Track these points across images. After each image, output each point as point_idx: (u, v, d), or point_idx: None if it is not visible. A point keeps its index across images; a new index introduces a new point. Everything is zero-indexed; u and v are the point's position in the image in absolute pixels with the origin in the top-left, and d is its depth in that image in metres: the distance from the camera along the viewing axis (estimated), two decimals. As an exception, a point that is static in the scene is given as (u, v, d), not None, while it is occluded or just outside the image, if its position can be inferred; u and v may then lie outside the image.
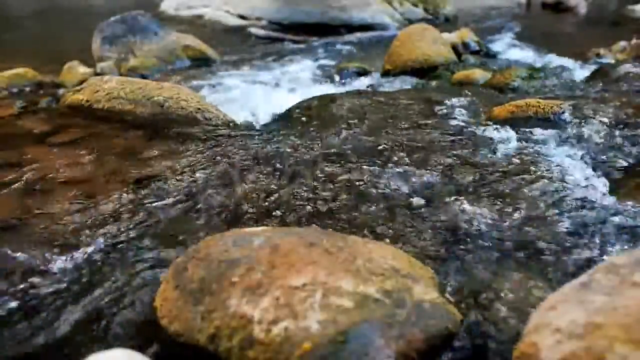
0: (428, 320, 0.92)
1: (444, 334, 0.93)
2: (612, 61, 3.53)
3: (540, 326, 0.82)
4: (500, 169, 1.75)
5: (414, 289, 0.97)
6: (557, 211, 1.48)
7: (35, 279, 1.23)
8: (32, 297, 1.18)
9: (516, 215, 1.47)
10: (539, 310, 0.88)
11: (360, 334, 0.86)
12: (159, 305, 1.02)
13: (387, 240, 1.35)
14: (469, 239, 1.37)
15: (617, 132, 2.00)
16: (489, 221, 1.44)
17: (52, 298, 1.17)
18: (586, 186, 1.63)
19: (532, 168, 1.74)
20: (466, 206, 1.52)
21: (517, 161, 1.81)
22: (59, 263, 1.29)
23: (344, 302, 0.90)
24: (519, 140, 1.98)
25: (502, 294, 1.14)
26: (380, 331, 0.86)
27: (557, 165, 1.76)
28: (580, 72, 3.24)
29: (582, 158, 1.83)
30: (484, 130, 2.08)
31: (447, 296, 1.11)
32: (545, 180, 1.66)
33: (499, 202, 1.54)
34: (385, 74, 3.40)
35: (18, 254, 1.33)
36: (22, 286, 1.21)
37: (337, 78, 3.40)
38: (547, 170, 1.73)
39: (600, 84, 2.82)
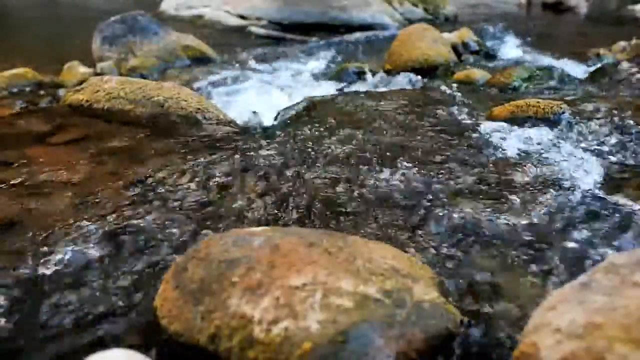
0: (428, 320, 0.92)
1: (444, 334, 0.93)
2: (612, 61, 3.53)
3: (540, 326, 0.82)
4: (500, 169, 1.75)
5: (414, 289, 0.97)
6: (557, 211, 1.48)
7: (34, 279, 1.23)
8: (32, 297, 1.18)
9: (516, 215, 1.47)
10: (539, 310, 0.88)
11: (360, 334, 0.86)
12: (159, 305, 1.02)
13: (387, 240, 1.35)
14: (468, 239, 1.37)
15: (617, 132, 2.00)
16: (489, 221, 1.44)
17: (51, 298, 1.17)
18: (586, 186, 1.63)
19: (532, 168, 1.74)
20: (466, 206, 1.52)
21: (517, 161, 1.81)
22: (59, 263, 1.29)
23: (344, 302, 0.90)
24: (518, 140, 1.97)
25: (502, 295, 1.14)
26: (380, 331, 0.86)
27: (557, 166, 1.76)
28: (581, 72, 3.24)
29: (582, 158, 1.83)
30: (484, 130, 2.08)
31: (447, 296, 1.11)
32: (545, 181, 1.66)
33: (498, 202, 1.54)
34: (385, 74, 3.40)
35: (17, 254, 1.32)
36: (21, 286, 1.21)
37: (337, 78, 3.40)
38: (547, 170, 1.73)
39: (601, 84, 2.82)
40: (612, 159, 1.83)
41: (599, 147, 1.91)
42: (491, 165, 1.78)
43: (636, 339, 0.72)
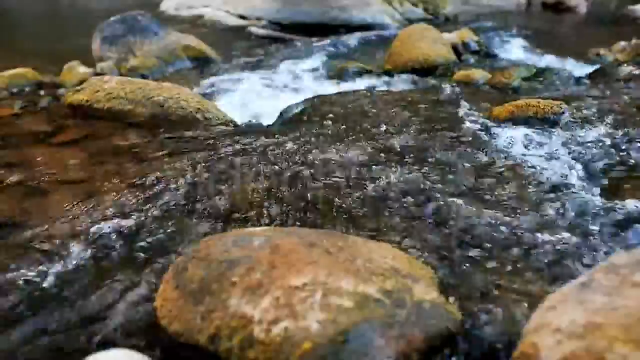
0: (428, 320, 0.92)
1: (444, 334, 0.92)
2: (612, 61, 3.53)
3: (540, 326, 0.82)
4: (500, 170, 1.75)
5: (414, 289, 0.97)
6: (557, 211, 1.48)
7: (35, 279, 1.23)
8: (32, 297, 1.18)
9: (516, 215, 1.47)
10: (539, 310, 0.88)
11: (360, 334, 0.86)
12: (159, 305, 1.02)
13: (387, 240, 1.35)
14: (468, 239, 1.37)
15: (617, 132, 2.00)
16: (489, 221, 1.44)
17: (52, 298, 1.17)
18: (586, 186, 1.63)
19: (532, 168, 1.74)
20: (466, 206, 1.52)
21: (517, 161, 1.81)
22: (59, 263, 1.29)
23: (344, 302, 0.90)
24: (518, 140, 1.97)
25: (502, 294, 1.14)
26: (380, 331, 0.86)
27: (557, 166, 1.76)
28: (581, 72, 3.24)
29: (582, 158, 1.83)
30: (484, 130, 2.08)
31: (447, 296, 1.11)
32: (545, 181, 1.66)
33: (498, 203, 1.54)
34: (385, 74, 3.40)
35: (17, 254, 1.33)
36: (21, 287, 1.21)
37: (337, 78, 3.40)
38: (547, 170, 1.73)
39: (601, 84, 2.82)
40: (612, 159, 1.83)
41: (599, 147, 1.91)
42: (491, 165, 1.78)
43: (636, 339, 0.72)
